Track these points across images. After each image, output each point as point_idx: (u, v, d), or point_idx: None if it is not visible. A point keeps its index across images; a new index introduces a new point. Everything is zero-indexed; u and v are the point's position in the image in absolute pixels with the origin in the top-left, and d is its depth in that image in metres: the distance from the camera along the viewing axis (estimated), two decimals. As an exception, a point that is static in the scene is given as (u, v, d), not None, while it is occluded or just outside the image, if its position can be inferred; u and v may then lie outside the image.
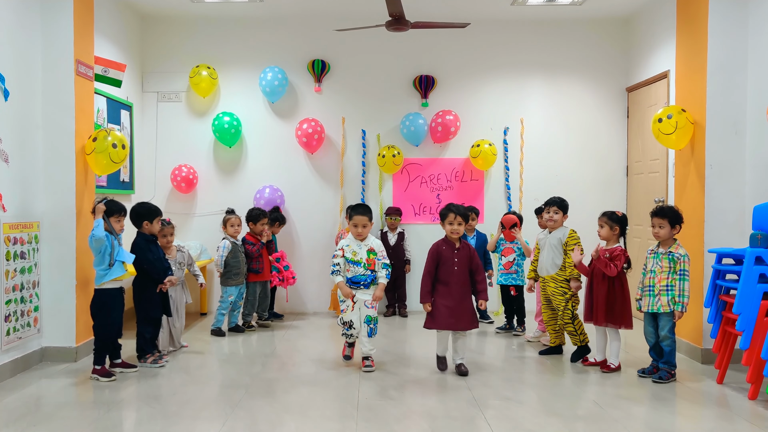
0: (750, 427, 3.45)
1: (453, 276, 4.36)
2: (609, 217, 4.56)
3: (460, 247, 4.44)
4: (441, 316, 4.35)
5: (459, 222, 4.38)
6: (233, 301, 5.73)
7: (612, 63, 6.88)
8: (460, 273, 4.38)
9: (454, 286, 4.35)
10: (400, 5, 5.07)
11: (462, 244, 4.46)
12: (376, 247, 4.59)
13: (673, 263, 4.23)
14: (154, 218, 4.62)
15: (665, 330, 4.24)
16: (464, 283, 4.38)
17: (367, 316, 4.52)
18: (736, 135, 4.74)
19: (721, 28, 4.74)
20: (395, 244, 6.58)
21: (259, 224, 5.89)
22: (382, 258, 4.56)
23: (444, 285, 4.38)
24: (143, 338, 4.59)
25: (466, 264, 4.40)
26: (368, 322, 4.53)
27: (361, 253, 4.51)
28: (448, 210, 4.42)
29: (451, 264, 4.38)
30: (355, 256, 4.50)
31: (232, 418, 3.51)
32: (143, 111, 6.83)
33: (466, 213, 4.50)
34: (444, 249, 4.44)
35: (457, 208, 4.41)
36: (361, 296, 4.51)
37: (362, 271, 4.49)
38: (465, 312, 4.34)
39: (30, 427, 3.36)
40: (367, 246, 4.55)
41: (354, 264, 4.50)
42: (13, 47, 4.36)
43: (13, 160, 4.33)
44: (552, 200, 4.94)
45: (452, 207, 4.43)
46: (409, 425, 3.44)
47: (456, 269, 4.37)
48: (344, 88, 6.91)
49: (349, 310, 4.53)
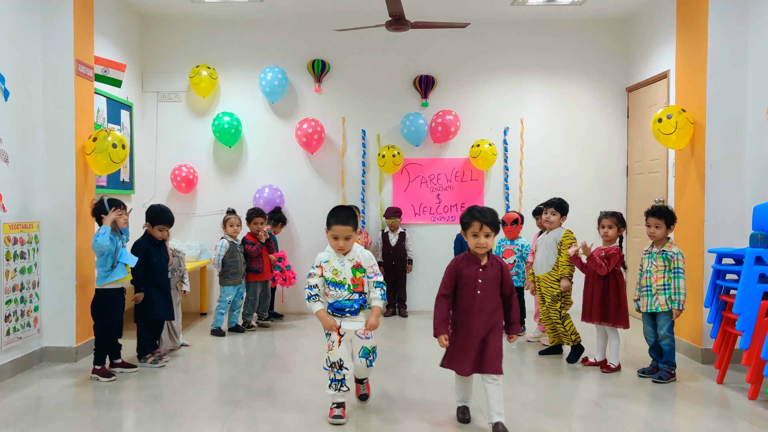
0: (750, 427, 3.45)
1: (476, 302, 3.27)
2: (619, 218, 4.55)
3: (487, 264, 3.31)
4: (460, 355, 3.30)
5: (486, 233, 3.24)
6: (232, 300, 5.73)
7: (612, 63, 6.88)
8: (485, 298, 3.28)
9: (478, 315, 3.27)
10: (400, 5, 5.07)
11: (490, 260, 3.33)
12: (365, 261, 3.45)
13: (667, 262, 4.25)
14: (155, 224, 4.62)
15: (664, 329, 4.24)
16: (491, 312, 3.28)
17: (363, 347, 3.50)
18: (736, 135, 4.74)
19: (721, 28, 4.74)
20: (396, 244, 6.58)
21: (253, 223, 5.90)
22: (373, 275, 3.45)
23: (464, 314, 3.30)
24: (143, 338, 4.59)
25: (494, 287, 3.30)
26: (365, 355, 3.52)
27: (343, 272, 3.41)
28: (471, 217, 3.27)
29: (473, 286, 3.29)
30: (336, 275, 3.41)
31: (232, 418, 3.51)
32: (143, 111, 6.83)
33: (496, 221, 3.29)
34: (465, 266, 3.32)
35: (484, 215, 3.25)
36: (349, 325, 3.44)
37: (347, 295, 3.42)
38: (492, 350, 3.26)
39: (30, 427, 3.36)
40: (353, 261, 3.43)
41: (335, 286, 3.42)
42: (13, 47, 4.36)
43: (13, 160, 4.33)
44: (551, 201, 4.95)
45: (476, 213, 3.26)
46: (409, 425, 3.44)
47: (480, 293, 3.27)
48: (344, 88, 6.91)
49: (336, 346, 3.43)
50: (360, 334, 3.46)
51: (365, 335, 3.48)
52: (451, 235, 6.68)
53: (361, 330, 3.46)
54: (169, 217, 4.66)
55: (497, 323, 3.30)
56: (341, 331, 3.43)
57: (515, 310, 3.34)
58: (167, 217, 4.65)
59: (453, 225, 6.84)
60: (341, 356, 3.42)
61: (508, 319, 3.35)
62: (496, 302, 3.30)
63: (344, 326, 3.43)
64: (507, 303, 3.34)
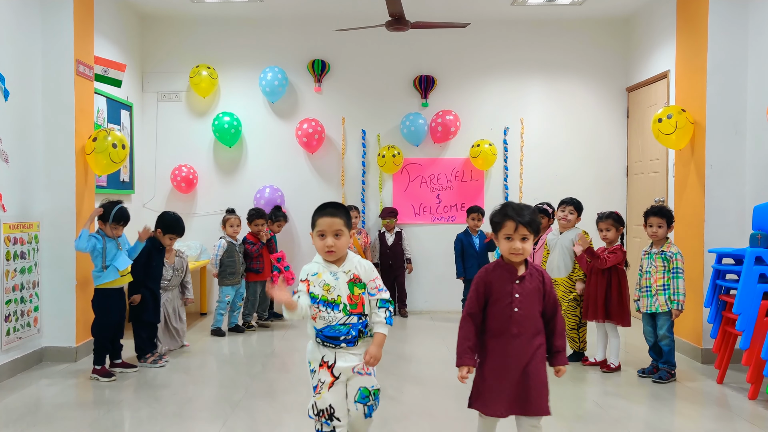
0: (750, 427, 3.45)
1: (513, 323, 2.53)
2: (615, 219, 4.53)
3: (525, 274, 2.58)
4: (494, 392, 2.55)
5: (523, 236, 2.51)
6: (230, 300, 5.73)
7: (612, 63, 6.88)
8: (525, 318, 2.54)
9: (516, 339, 2.53)
10: (400, 5, 5.07)
11: (529, 269, 2.61)
12: (364, 273, 2.60)
13: (666, 262, 4.25)
14: (167, 233, 4.66)
15: (663, 329, 4.25)
16: (532, 335, 2.56)
17: (362, 389, 2.59)
18: (736, 135, 4.74)
19: (721, 28, 4.73)
20: (393, 244, 6.59)
21: (253, 224, 5.90)
22: (376, 291, 2.60)
23: (498, 338, 2.56)
24: (140, 338, 4.60)
25: (534, 303, 2.58)
26: (363, 399, 2.60)
27: (337, 287, 2.55)
28: (503, 216, 2.54)
29: (508, 303, 2.55)
30: (328, 292, 2.55)
31: (232, 418, 3.51)
32: (143, 111, 6.83)
33: (536, 221, 2.55)
34: (496, 278, 2.59)
35: (520, 213, 2.52)
36: (345, 362, 2.57)
37: (342, 318, 2.54)
38: (536, 384, 2.53)
39: (30, 427, 3.36)
40: (349, 273, 2.58)
41: (327, 306, 2.54)
42: (13, 47, 4.36)
43: (13, 160, 4.33)
44: (569, 199, 4.84)
45: (511, 211, 2.53)
46: (409, 425, 3.44)
47: (518, 312, 2.53)
48: (344, 88, 6.91)
49: (325, 388, 2.56)
50: (359, 370, 2.58)
51: (365, 370, 2.59)
52: (451, 235, 6.67)
53: (360, 366, 2.58)
54: (182, 227, 4.73)
55: (539, 350, 2.56)
56: (335, 372, 2.55)
57: (560, 335, 2.61)
58: (180, 227, 4.71)
59: (453, 225, 6.84)
60: (332, 403, 2.54)
61: (552, 346, 2.59)
62: (537, 323, 2.58)
63: (339, 364, 2.56)
64: (550, 325, 2.60)
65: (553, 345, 2.60)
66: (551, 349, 2.60)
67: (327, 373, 2.55)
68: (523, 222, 2.50)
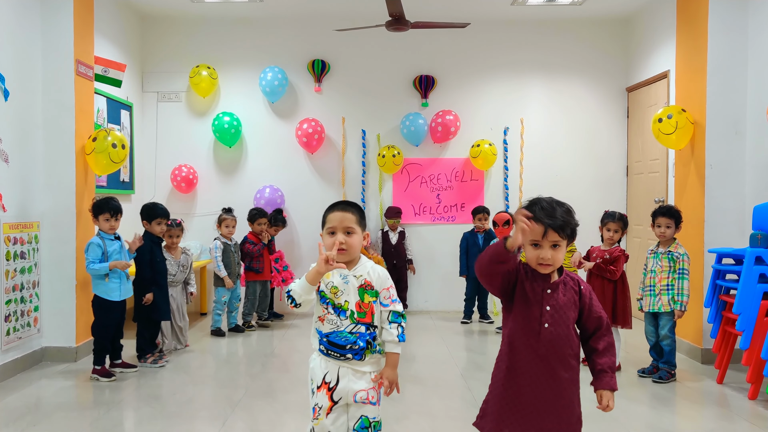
0: (750, 427, 3.45)
1: (542, 342, 2.09)
2: (625, 222, 4.50)
3: (558, 282, 2.13)
4: (511, 419, 2.12)
5: (554, 242, 2.07)
6: (227, 301, 5.73)
7: (612, 63, 6.88)
8: (556, 337, 2.09)
9: (544, 361, 2.09)
10: (400, 5, 5.07)
11: (564, 278, 2.15)
12: (378, 281, 2.33)
13: (672, 262, 4.24)
14: (153, 219, 4.62)
15: (665, 329, 4.24)
16: (565, 353, 2.11)
17: (362, 418, 2.32)
18: (736, 135, 4.74)
19: (721, 28, 4.74)
20: (397, 243, 6.60)
21: (256, 224, 5.90)
22: (389, 302, 2.32)
23: (521, 355, 2.12)
24: (143, 338, 4.60)
25: (569, 316, 2.12)
26: (363, 430, 2.32)
27: (346, 292, 2.29)
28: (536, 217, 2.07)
29: (537, 314, 2.10)
30: (335, 295, 2.29)
31: (232, 418, 3.51)
32: (143, 111, 6.83)
33: (571, 223, 2.11)
34: (529, 275, 2.13)
35: (551, 215, 2.08)
36: (347, 385, 2.29)
37: (349, 326, 2.27)
38: (566, 415, 2.15)
39: (30, 427, 3.36)
40: (360, 278, 2.31)
41: (335, 310, 2.29)
42: (13, 47, 4.36)
43: (13, 160, 4.33)
44: None
45: (539, 211, 2.09)
46: (409, 425, 3.44)
47: (547, 327, 2.09)
48: (344, 88, 6.91)
49: (323, 414, 2.30)
50: (362, 398, 2.29)
51: (369, 399, 2.30)
52: (451, 234, 6.67)
53: (364, 394, 2.29)
54: (162, 208, 4.69)
55: (572, 375, 2.13)
56: (334, 396, 2.28)
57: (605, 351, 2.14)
58: (160, 209, 4.67)
59: (453, 225, 6.84)
60: (331, 429, 2.29)
61: (595, 365, 2.15)
62: (570, 343, 2.11)
63: (341, 387, 2.28)
64: (593, 343, 2.15)
65: (596, 364, 2.13)
66: (593, 367, 2.15)
67: (326, 397, 2.29)
68: (555, 226, 2.05)
